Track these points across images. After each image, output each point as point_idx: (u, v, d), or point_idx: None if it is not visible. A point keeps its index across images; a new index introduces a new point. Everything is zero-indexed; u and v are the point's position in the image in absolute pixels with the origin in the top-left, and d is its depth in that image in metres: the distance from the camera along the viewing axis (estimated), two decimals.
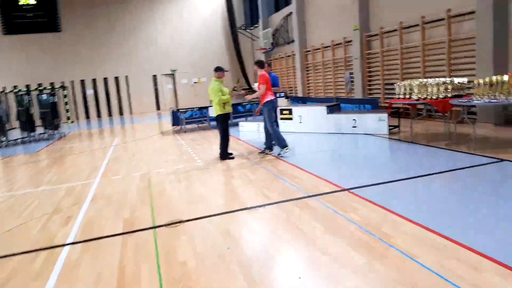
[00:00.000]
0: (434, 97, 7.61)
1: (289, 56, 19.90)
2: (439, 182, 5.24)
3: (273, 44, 21.09)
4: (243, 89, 25.63)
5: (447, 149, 6.88)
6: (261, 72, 7.90)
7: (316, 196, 4.97)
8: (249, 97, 8.39)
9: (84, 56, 25.16)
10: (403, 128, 9.40)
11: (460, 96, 7.58)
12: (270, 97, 7.78)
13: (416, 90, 7.80)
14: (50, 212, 5.62)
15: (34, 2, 24.11)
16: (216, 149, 9.08)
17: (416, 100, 7.77)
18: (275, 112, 8.07)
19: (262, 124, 11.66)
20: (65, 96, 24.03)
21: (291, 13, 18.88)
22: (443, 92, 7.59)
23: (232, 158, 8.13)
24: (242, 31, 25.26)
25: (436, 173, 5.48)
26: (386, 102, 11.85)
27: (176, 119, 15.25)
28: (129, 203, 5.65)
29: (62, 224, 5.05)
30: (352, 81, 14.15)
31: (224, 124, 8.10)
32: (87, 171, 8.30)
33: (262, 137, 10.61)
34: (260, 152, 8.32)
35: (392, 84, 11.94)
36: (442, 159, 6.41)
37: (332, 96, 15.55)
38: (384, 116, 8.91)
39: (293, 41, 19.01)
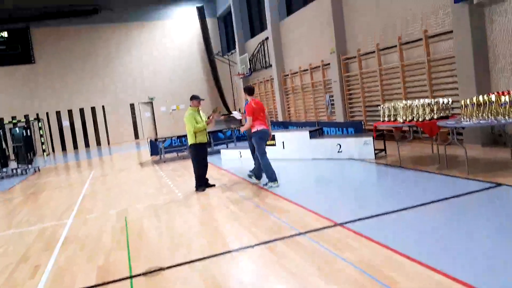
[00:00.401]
0: (420, 119, 7.44)
1: (267, 80, 19.83)
2: (438, 212, 4.96)
3: (251, 69, 21.04)
4: (223, 115, 25.42)
5: (439, 174, 6.67)
6: (250, 98, 7.57)
7: (307, 233, 4.61)
8: (242, 129, 8.06)
9: (59, 87, 24.60)
10: (389, 151, 9.21)
11: (446, 117, 7.43)
12: (259, 127, 7.38)
13: (401, 112, 7.63)
14: (17, 260, 5.09)
15: (6, 35, 23.60)
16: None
17: (402, 122, 7.59)
18: (265, 142, 7.55)
19: (243, 151, 11.39)
20: (40, 128, 23.31)
21: (267, 38, 18.91)
22: (429, 113, 7.44)
23: (213, 185, 7.94)
24: (219, 57, 25.22)
25: (433, 202, 5.20)
26: (370, 125, 11.74)
27: (154, 148, 14.81)
28: (104, 247, 5.17)
29: (29, 276, 4.54)
30: (332, 104, 14.05)
31: (197, 154, 7.81)
32: (61, 210, 7.76)
33: (245, 166, 10.31)
34: (249, 175, 8.05)
35: (374, 106, 11.88)
36: (436, 185, 6.18)
37: (314, 120, 15.41)
38: (370, 139, 8.71)
39: (270, 65, 18.98)
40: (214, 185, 8.14)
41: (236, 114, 8.81)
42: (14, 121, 23.23)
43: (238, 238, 4.87)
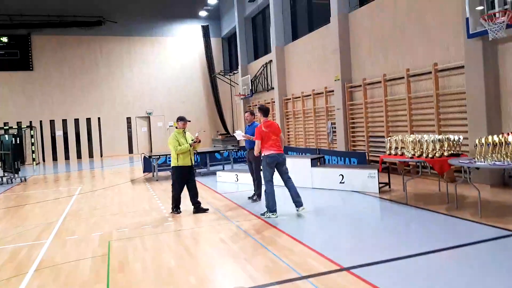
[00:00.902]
0: (430, 155, 7.05)
1: (268, 103, 19.50)
2: (451, 261, 4.50)
3: (252, 91, 20.77)
4: (221, 134, 25.03)
5: (449, 215, 6.22)
6: (263, 120, 7.12)
7: (310, 278, 4.11)
8: (256, 153, 7.37)
9: (55, 95, 24.17)
10: (393, 186, 8.78)
11: (456, 155, 7.05)
12: (267, 151, 6.95)
13: (410, 147, 7.23)
14: None
15: (6, 40, 23.31)
16: (190, 205, 8.18)
17: (410, 157, 7.19)
18: (273, 168, 7.08)
19: (240, 175, 10.92)
20: (32, 136, 22.72)
21: (270, 61, 18.71)
22: (439, 150, 7.05)
23: (206, 210, 7.70)
24: (221, 76, 24.99)
25: (445, 249, 4.74)
26: (372, 156, 11.33)
27: (148, 165, 14.30)
28: (80, 278, 4.63)
29: None
30: (334, 132, 13.68)
31: (177, 177, 7.66)
32: (39, 229, 7.19)
33: (241, 190, 9.84)
34: (249, 198, 8.37)
35: (377, 137, 11.52)
36: (447, 228, 5.72)
37: (314, 146, 15.01)
38: (374, 172, 8.28)
39: (272, 88, 18.71)
40: (207, 210, 7.72)
41: (238, 134, 8.37)
42: (6, 127, 22.69)
43: (231, 278, 4.36)
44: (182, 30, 26.32)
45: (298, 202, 7.01)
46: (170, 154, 13.74)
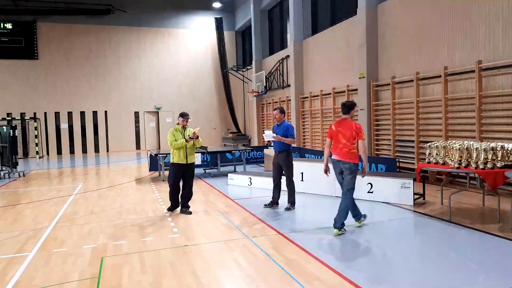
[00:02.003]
0: (480, 166, 5.99)
1: (283, 101, 18.49)
2: None
3: (266, 88, 19.73)
4: (231, 133, 24.05)
5: (505, 238, 5.17)
6: (349, 117, 6.05)
7: None
8: (278, 138, 7.15)
9: (61, 87, 23.35)
10: (428, 198, 7.72)
11: (511, 166, 5.99)
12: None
13: (455, 155, 6.17)
14: None
15: (11, 27, 22.51)
16: (198, 212, 7.23)
17: (457, 168, 6.14)
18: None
19: (254, 178, 9.93)
20: (35, 128, 21.97)
21: (287, 56, 17.67)
22: (491, 160, 5.99)
23: (189, 213, 7.30)
24: (233, 72, 23.98)
25: None
26: (403, 163, 10.21)
27: (154, 163, 13.40)
28: None
29: None
30: None
31: (170, 173, 7.57)
32: (25, 236, 6.25)
33: (256, 196, 8.86)
34: (266, 205, 7.68)
35: (405, 141, 10.45)
36: (507, 256, 4.67)
37: None
38: (409, 182, 7.23)
39: (288, 85, 17.68)
40: (190, 213, 7.34)
41: (267, 135, 7.32)
42: (8, 118, 21.96)
43: None
44: (194, 22, 25.34)
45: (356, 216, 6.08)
46: None
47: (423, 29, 9.89)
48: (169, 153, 12.51)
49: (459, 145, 6.28)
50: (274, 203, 7.57)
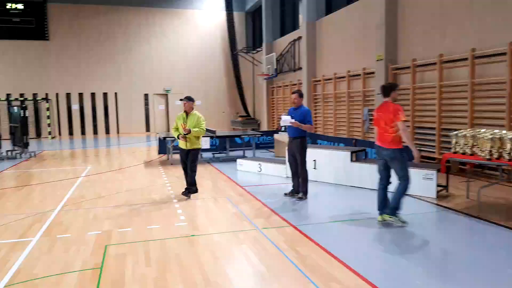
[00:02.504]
0: None
1: (294, 84, 17.99)
2: None
3: (276, 70, 19.21)
4: (241, 116, 23.67)
5: None
6: (390, 99, 5.69)
7: None
8: (296, 124, 6.77)
9: (72, 68, 23.11)
10: (452, 190, 7.31)
11: None
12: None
13: (487, 145, 5.73)
14: None
15: (22, 7, 22.20)
16: (206, 199, 6.95)
17: (488, 159, 5.71)
18: None
19: (264, 165, 9.60)
20: (47, 109, 21.89)
21: (299, 37, 17.09)
22: None
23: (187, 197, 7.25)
24: (243, 54, 23.43)
25: None
26: (423, 151, 9.75)
27: (163, 146, 13.13)
28: None
29: None
30: (371, 120, 12.14)
31: (180, 157, 7.55)
32: (30, 220, 6.04)
33: (266, 183, 8.53)
34: (286, 194, 7.33)
35: (425, 128, 9.98)
36: None
37: (345, 135, 13.53)
38: (433, 174, 6.81)
39: (300, 68, 17.15)
40: (188, 196, 7.27)
41: (285, 120, 6.91)
42: (21, 98, 21.88)
43: None
44: (203, 2, 24.70)
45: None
46: None
47: (448, 6, 9.29)
48: None
49: (491, 134, 5.83)
50: (295, 191, 7.23)
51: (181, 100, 7.36)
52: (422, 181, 6.89)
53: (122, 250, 4.72)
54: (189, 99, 7.28)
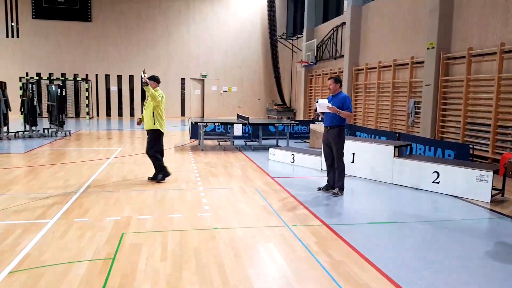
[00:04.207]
0: None
1: (334, 73, 17.17)
2: None
3: (316, 58, 18.44)
4: (276, 105, 23.06)
5: None
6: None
7: None
8: (333, 109, 6.24)
9: (111, 50, 23.35)
10: (508, 194, 6.50)
11: None
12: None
13: None
14: None
15: None
16: (233, 188, 6.53)
17: None
18: None
19: (298, 156, 9.05)
20: (87, 89, 22.25)
21: (343, 23, 16.22)
22: None
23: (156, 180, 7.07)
24: (283, 40, 22.73)
25: None
26: (477, 150, 8.87)
27: (195, 131, 12.86)
28: None
29: None
30: (417, 113, 11.29)
31: None
32: (51, 201, 5.82)
33: (299, 176, 8.00)
34: (320, 189, 6.74)
35: (479, 124, 9.07)
36: None
37: (387, 128, 12.70)
38: (488, 175, 6.04)
39: (342, 56, 16.31)
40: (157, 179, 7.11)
41: (321, 105, 6.34)
42: (62, 78, 22.32)
43: None
44: None
45: None
46: (220, 122, 12.24)
47: None
48: (210, 122, 11.98)
49: None
50: (329, 186, 6.66)
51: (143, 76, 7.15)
52: (475, 183, 6.14)
53: (139, 240, 4.36)
54: (152, 78, 7.21)
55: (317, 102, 6.41)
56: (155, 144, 7.08)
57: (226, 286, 3.37)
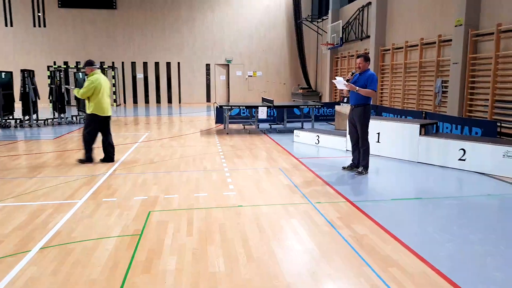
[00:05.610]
0: None
1: (361, 54, 16.82)
2: None
3: (342, 40, 18.12)
4: (301, 88, 22.90)
5: None
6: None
7: None
8: (350, 86, 6.28)
9: (137, 37, 23.61)
10: None
11: None
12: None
13: None
14: None
15: None
16: (258, 169, 6.60)
17: None
18: None
19: (322, 137, 9.04)
20: (113, 77, 22.68)
21: (369, 3, 15.84)
22: None
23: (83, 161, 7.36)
24: (307, 22, 22.42)
25: None
26: (506, 127, 8.63)
27: (220, 116, 12.98)
28: (87, 274, 3.22)
29: None
30: (444, 92, 10.99)
31: None
32: (79, 183, 6.06)
33: (323, 156, 8.00)
34: (345, 168, 6.76)
35: (508, 102, 8.78)
36: None
37: (414, 108, 12.45)
38: None
39: (368, 36, 15.97)
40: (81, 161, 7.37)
41: (338, 82, 6.34)
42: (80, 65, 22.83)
43: None
44: None
45: None
46: (244, 106, 12.27)
47: None
48: (235, 106, 12.05)
49: None
50: (354, 165, 6.65)
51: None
52: (502, 159, 5.99)
53: (165, 217, 4.51)
54: (86, 63, 7.23)
55: (335, 79, 6.39)
56: (88, 126, 7.34)
57: (250, 258, 3.46)
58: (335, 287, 3.00)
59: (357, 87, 6.14)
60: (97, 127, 7.40)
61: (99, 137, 7.53)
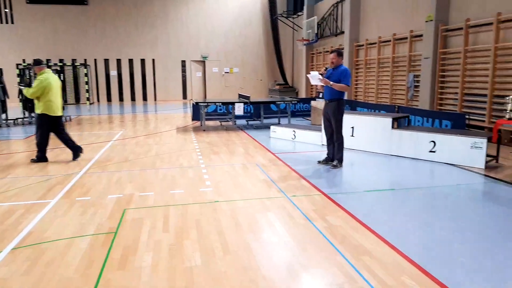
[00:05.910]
0: None
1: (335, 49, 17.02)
2: None
3: (317, 35, 18.30)
4: (278, 84, 23.01)
5: None
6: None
7: None
8: (325, 81, 6.37)
9: (110, 34, 23.18)
10: (502, 161, 6.57)
11: None
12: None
13: None
14: None
15: None
16: (234, 165, 6.61)
17: None
18: None
19: (299, 132, 9.13)
20: (86, 75, 22.20)
21: None
22: None
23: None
24: (283, 18, 22.51)
25: None
26: (473, 120, 8.92)
27: (197, 113, 12.91)
28: (62, 272, 3.19)
29: None
30: (416, 86, 11.27)
31: None
32: (53, 182, 5.94)
33: (299, 151, 8.08)
34: (320, 162, 6.82)
35: (476, 95, 9.08)
36: None
37: (387, 102, 12.71)
38: (482, 142, 6.11)
39: (342, 32, 16.18)
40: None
41: (313, 76, 6.40)
42: (60, 64, 22.26)
43: None
44: None
45: None
46: (221, 102, 12.26)
47: None
48: (211, 103, 12.02)
49: None
50: (329, 159, 6.75)
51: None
52: (470, 150, 6.21)
53: (141, 215, 4.49)
54: (34, 63, 7.12)
55: (309, 74, 6.46)
56: (39, 128, 7.23)
57: (226, 252, 3.49)
58: (310, 277, 3.06)
59: (331, 82, 6.24)
60: (48, 128, 7.24)
61: (56, 138, 7.40)
